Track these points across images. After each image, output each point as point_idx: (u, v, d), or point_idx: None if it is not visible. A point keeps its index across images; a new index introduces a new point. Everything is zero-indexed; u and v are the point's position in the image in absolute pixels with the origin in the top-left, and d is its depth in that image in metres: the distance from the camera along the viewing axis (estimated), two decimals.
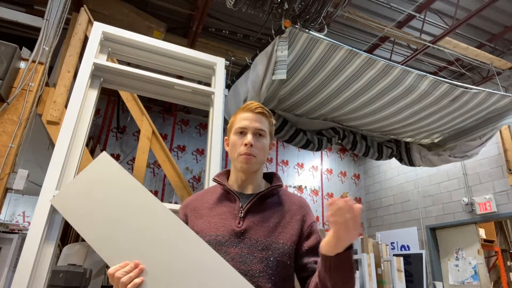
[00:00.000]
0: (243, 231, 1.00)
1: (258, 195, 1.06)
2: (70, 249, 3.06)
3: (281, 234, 1.01)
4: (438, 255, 6.34)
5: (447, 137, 4.45)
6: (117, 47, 2.21)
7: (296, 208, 1.09)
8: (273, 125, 1.18)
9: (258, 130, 1.09)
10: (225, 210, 1.06)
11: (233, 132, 1.12)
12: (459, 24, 4.69)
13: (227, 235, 0.99)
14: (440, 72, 6.12)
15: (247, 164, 1.06)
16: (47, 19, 2.66)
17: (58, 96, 2.50)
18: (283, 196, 1.13)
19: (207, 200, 1.12)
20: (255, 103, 1.14)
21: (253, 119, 1.10)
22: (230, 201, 1.08)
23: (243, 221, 1.02)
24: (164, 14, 4.74)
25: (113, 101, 6.23)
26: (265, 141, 1.11)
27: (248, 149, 1.06)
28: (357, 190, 8.24)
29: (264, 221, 1.02)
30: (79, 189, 0.84)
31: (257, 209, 1.05)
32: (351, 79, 3.26)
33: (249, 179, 1.11)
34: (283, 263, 0.98)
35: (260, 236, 0.99)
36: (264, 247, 0.97)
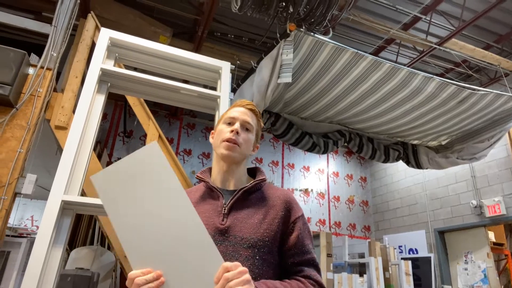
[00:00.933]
0: (226, 228, 0.97)
1: (241, 191, 1.04)
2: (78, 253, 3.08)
3: (266, 231, 0.98)
4: (446, 259, 6.26)
5: (455, 139, 4.41)
6: (124, 53, 2.23)
7: (280, 203, 1.05)
8: (261, 127, 1.18)
9: (247, 123, 1.10)
10: (208, 208, 1.04)
11: (221, 122, 1.13)
12: (465, 25, 4.66)
13: (211, 233, 0.96)
14: (447, 73, 6.08)
15: (230, 150, 1.05)
16: (55, 25, 2.70)
17: (66, 102, 2.53)
18: (268, 190, 1.09)
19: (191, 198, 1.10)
20: (247, 101, 1.16)
21: (244, 112, 1.12)
22: (213, 198, 1.06)
23: (227, 218, 0.99)
24: (169, 19, 4.79)
25: (120, 105, 6.29)
26: (250, 136, 1.11)
27: (234, 135, 1.06)
28: (364, 193, 8.19)
29: (248, 217, 1.00)
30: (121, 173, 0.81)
31: (240, 205, 1.03)
32: (357, 81, 3.25)
33: (231, 171, 1.09)
34: (269, 261, 0.96)
35: (245, 233, 0.96)
36: (250, 245, 0.95)
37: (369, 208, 8.09)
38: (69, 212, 1.79)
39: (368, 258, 4.84)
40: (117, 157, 6.02)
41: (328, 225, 7.42)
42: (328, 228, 7.36)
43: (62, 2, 2.80)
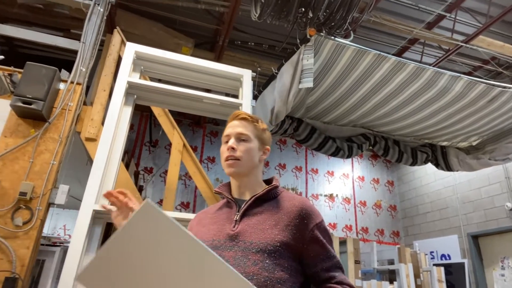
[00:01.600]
0: (236, 234, 0.99)
1: (253, 198, 1.06)
2: None
3: (278, 237, 0.97)
4: (481, 264, 5.98)
5: (486, 140, 4.24)
6: (148, 65, 2.30)
7: (295, 210, 1.03)
8: (262, 130, 1.18)
9: (240, 134, 1.12)
10: (223, 216, 1.08)
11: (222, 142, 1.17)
12: (493, 21, 4.50)
13: (222, 239, 0.99)
14: (475, 72, 5.87)
15: (232, 167, 1.08)
16: (83, 41, 2.82)
17: (95, 114, 2.63)
18: (283, 198, 1.09)
19: (211, 211, 1.16)
20: (240, 111, 1.19)
21: (236, 125, 1.14)
22: (229, 208, 1.10)
23: (238, 225, 1.01)
24: (191, 30, 4.89)
25: (146, 116, 6.46)
26: (249, 144, 1.12)
27: (230, 152, 1.08)
28: (391, 197, 7.98)
29: (259, 223, 1.00)
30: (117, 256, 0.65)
31: (252, 212, 1.04)
32: (380, 83, 3.19)
33: (243, 184, 1.12)
34: (283, 266, 0.95)
35: (254, 238, 0.96)
36: (259, 249, 0.94)
37: (397, 212, 7.87)
38: (100, 221, 1.85)
39: (398, 265, 4.70)
40: (144, 166, 6.17)
41: (355, 230, 7.26)
42: (355, 234, 7.20)
43: (90, 19, 2.92)
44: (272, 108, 3.30)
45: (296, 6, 3.07)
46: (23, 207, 2.20)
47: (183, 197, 6.24)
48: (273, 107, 3.27)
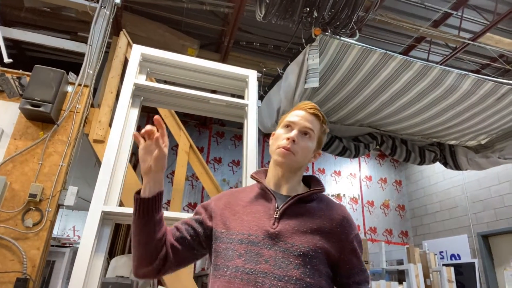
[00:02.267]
0: (277, 233, 0.93)
1: (296, 197, 1.00)
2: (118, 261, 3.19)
3: (320, 242, 0.94)
4: (492, 264, 5.91)
5: (495, 138, 4.19)
6: (155, 67, 2.32)
7: (338, 218, 1.00)
8: (324, 133, 1.12)
9: (306, 128, 1.04)
10: (259, 209, 1.00)
11: (281, 125, 1.09)
12: (500, 18, 4.44)
13: (261, 236, 0.93)
14: (483, 69, 5.80)
15: (284, 158, 1.01)
16: (90, 44, 2.85)
17: (103, 116, 2.65)
18: (324, 202, 1.05)
19: (243, 197, 1.07)
20: (311, 103, 1.10)
21: (304, 117, 1.06)
22: (266, 200, 1.03)
23: (278, 223, 0.95)
24: (196, 31, 4.92)
25: (152, 117, 6.50)
26: (309, 143, 1.05)
27: (289, 143, 1.01)
28: (399, 197, 7.92)
29: (301, 225, 0.96)
30: None
31: (294, 211, 0.99)
32: (387, 82, 3.17)
33: (285, 177, 1.05)
34: (321, 272, 0.92)
35: (296, 240, 0.92)
36: (301, 253, 0.90)
37: (405, 212, 7.81)
38: (109, 222, 1.87)
39: (407, 265, 4.66)
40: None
41: (363, 230, 7.22)
42: (363, 234, 7.16)
43: (96, 22, 2.95)
44: (278, 108, 3.30)
45: (301, 6, 3.07)
46: (33, 208, 2.24)
47: (190, 197, 6.27)
48: (279, 107, 3.27)
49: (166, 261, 0.97)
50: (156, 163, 0.95)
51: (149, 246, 0.95)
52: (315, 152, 1.10)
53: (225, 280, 0.90)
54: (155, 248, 0.95)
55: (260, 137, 7.06)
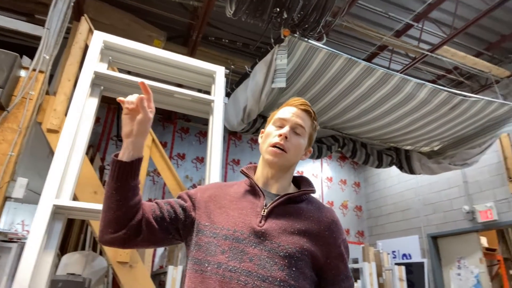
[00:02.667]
0: (263, 231, 0.90)
1: (286, 196, 0.97)
2: (70, 258, 3.04)
3: (306, 245, 0.91)
4: (440, 264, 6.29)
5: (447, 145, 4.46)
6: (117, 56, 2.23)
7: (326, 221, 0.98)
8: (315, 129, 1.09)
9: (298, 125, 1.02)
10: (247, 205, 0.97)
11: (271, 122, 1.06)
12: (457, 33, 4.73)
13: (246, 233, 0.90)
14: (439, 80, 6.15)
15: (276, 157, 0.98)
16: (47, 28, 2.68)
17: (58, 105, 2.51)
18: (313, 204, 1.02)
19: (230, 192, 1.03)
20: (301, 99, 1.07)
21: (295, 113, 1.03)
22: (254, 197, 0.99)
23: (265, 221, 0.92)
24: (164, 23, 4.79)
25: (113, 109, 6.25)
26: (301, 140, 1.02)
27: (282, 140, 0.98)
28: (357, 198, 8.21)
29: (288, 225, 0.92)
30: None
31: (282, 211, 0.95)
32: (350, 87, 3.27)
33: (276, 176, 1.01)
34: (305, 275, 0.89)
35: (283, 241, 0.89)
36: (287, 254, 0.87)
37: (362, 213, 8.11)
38: (61, 217, 1.77)
39: (362, 264, 4.84)
40: (109, 161, 5.97)
41: None
42: None
43: (56, 5, 2.78)
44: (244, 107, 3.30)
45: (271, 5, 3.08)
46: None
47: (150, 193, 6.11)
48: (246, 105, 3.27)
49: (138, 235, 0.92)
50: (139, 126, 0.92)
51: (119, 212, 0.90)
52: (307, 149, 1.08)
53: (205, 276, 0.87)
54: (125, 215, 0.91)
55: (225, 134, 7.01)
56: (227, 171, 6.98)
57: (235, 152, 7.22)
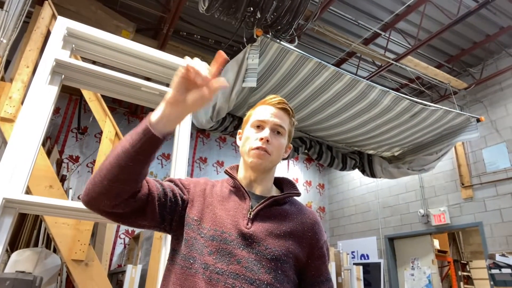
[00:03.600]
0: (251, 233, 0.89)
1: (271, 199, 0.96)
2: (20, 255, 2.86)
3: (292, 247, 0.91)
4: (395, 264, 6.58)
5: (407, 151, 4.66)
6: (81, 44, 2.12)
7: (310, 222, 0.99)
8: (293, 126, 1.08)
9: (277, 126, 1.00)
10: (233, 206, 0.95)
11: (249, 124, 1.03)
12: (420, 44, 4.97)
13: (234, 234, 0.89)
14: (402, 88, 6.43)
15: (260, 159, 0.96)
16: (6, 10, 2.50)
17: (15, 92, 2.35)
18: (296, 205, 1.03)
19: (216, 191, 1.01)
20: (278, 97, 1.04)
21: (274, 114, 1.01)
22: (240, 199, 0.97)
23: (252, 224, 0.91)
24: (134, 14, 4.64)
25: (75, 100, 5.97)
26: (282, 140, 1.01)
27: (264, 143, 0.96)
28: (321, 199, 8.40)
29: (274, 228, 0.92)
30: None
31: (268, 213, 0.95)
32: (319, 90, 3.33)
33: (259, 179, 1.00)
34: (289, 278, 0.90)
35: (270, 243, 0.89)
36: (274, 257, 0.88)
37: (325, 214, 8.31)
38: (11, 211, 1.65)
39: None
40: (69, 154, 5.70)
41: None
42: None
43: None
44: (214, 105, 3.27)
45: (244, 4, 3.07)
46: None
47: None
48: (215, 103, 3.24)
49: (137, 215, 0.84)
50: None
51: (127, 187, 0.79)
52: (287, 147, 1.06)
53: (190, 273, 0.85)
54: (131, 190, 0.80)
55: (193, 131, 6.91)
56: (193, 169, 6.89)
57: (202, 150, 7.14)
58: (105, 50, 2.17)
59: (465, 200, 5.58)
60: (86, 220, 2.44)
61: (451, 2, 4.56)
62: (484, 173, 5.42)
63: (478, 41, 5.37)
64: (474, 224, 5.41)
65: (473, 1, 4.43)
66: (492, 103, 5.62)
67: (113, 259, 5.41)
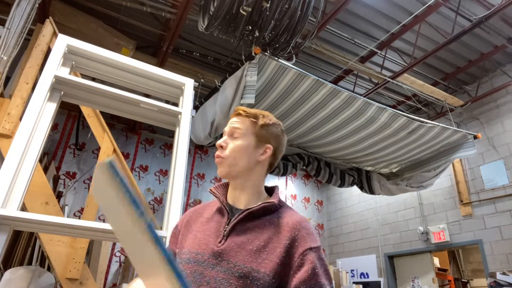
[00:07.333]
0: (220, 251, 0.86)
1: (246, 211, 0.91)
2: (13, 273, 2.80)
3: (264, 262, 0.84)
4: (395, 283, 6.47)
5: (405, 168, 4.67)
6: (81, 61, 2.14)
7: (287, 230, 0.89)
8: (261, 126, 1.01)
9: (233, 129, 1.00)
10: (213, 226, 0.94)
11: None
12: (416, 62, 5.04)
13: (206, 255, 0.87)
14: (399, 105, 6.49)
15: (219, 167, 0.98)
16: (8, 28, 2.54)
17: (13, 108, 2.36)
18: (280, 215, 0.94)
19: (203, 213, 1.01)
20: (238, 106, 1.07)
21: (231, 122, 1.04)
22: (220, 216, 0.96)
23: (226, 240, 0.89)
24: (134, 32, 4.71)
25: (74, 116, 5.98)
26: (239, 141, 0.98)
27: (218, 150, 0.99)
28: (320, 216, 8.33)
29: (247, 242, 0.87)
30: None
31: (243, 227, 0.90)
32: (317, 107, 3.36)
33: (239, 188, 0.98)
34: None
35: (239, 260, 0.84)
36: (243, 275, 0.82)
37: (324, 231, 8.23)
38: (5, 228, 1.63)
39: None
40: (66, 170, 5.66)
41: None
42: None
43: (19, 5, 2.65)
44: (212, 121, 3.28)
45: (243, 23, 3.13)
46: None
47: None
48: (214, 119, 3.25)
49: None
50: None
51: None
52: (263, 148, 1.00)
53: None
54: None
55: (191, 147, 6.91)
56: (191, 185, 6.85)
57: (200, 166, 7.12)
58: (105, 67, 2.19)
59: (464, 217, 5.54)
60: (81, 238, 2.41)
61: (446, 21, 4.66)
62: (483, 190, 5.42)
63: (473, 59, 5.46)
64: (474, 242, 5.36)
65: (467, 21, 4.53)
66: (488, 120, 5.66)
67: (108, 278, 5.30)
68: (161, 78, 2.35)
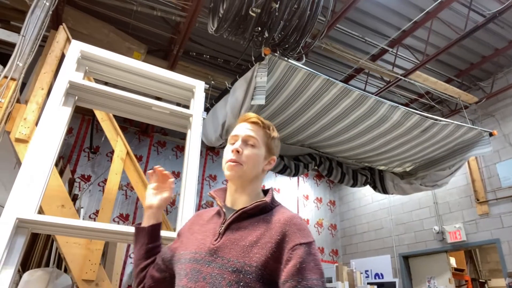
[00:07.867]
0: (216, 249, 0.92)
1: (240, 211, 0.97)
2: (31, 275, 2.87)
3: (256, 256, 0.87)
4: (411, 284, 6.38)
5: (418, 166, 4.60)
6: (94, 66, 2.18)
7: (278, 226, 0.92)
8: (271, 138, 1.10)
9: (249, 137, 1.05)
10: (211, 227, 1.01)
11: (228, 142, 1.10)
12: (428, 59, 4.97)
13: (203, 253, 0.93)
14: (411, 104, 6.40)
15: (232, 171, 1.01)
16: (23, 35, 2.60)
17: (29, 113, 2.42)
18: (274, 213, 0.98)
19: (205, 217, 1.09)
20: (251, 114, 1.11)
21: (246, 127, 1.07)
22: (218, 217, 1.03)
23: (221, 238, 0.94)
24: (145, 36, 4.77)
25: (88, 120, 6.09)
26: (255, 150, 1.04)
27: (235, 155, 1.02)
28: (332, 216, 8.27)
29: (240, 239, 0.92)
30: None
31: (238, 226, 0.96)
32: (328, 107, 3.34)
33: (239, 191, 1.04)
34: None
35: (233, 256, 0.89)
36: (236, 269, 0.86)
37: (337, 232, 8.16)
38: (24, 231, 1.67)
39: (336, 283, 4.84)
40: (81, 173, 5.76)
41: None
42: None
43: (33, 12, 2.72)
44: (223, 123, 3.30)
45: (253, 24, 3.14)
46: None
47: (122, 208, 5.91)
48: (224, 121, 3.27)
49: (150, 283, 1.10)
50: (163, 203, 1.16)
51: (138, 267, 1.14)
52: (268, 159, 1.09)
53: None
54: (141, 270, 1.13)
55: (203, 149, 6.95)
56: (203, 186, 6.89)
57: (212, 167, 7.16)
58: (118, 72, 2.23)
59: (481, 216, 5.43)
60: (97, 240, 2.45)
61: (458, 17, 4.58)
62: (499, 188, 5.29)
63: (487, 55, 5.35)
64: (491, 241, 5.24)
65: (480, 16, 4.44)
66: (504, 116, 5.54)
67: (123, 279, 5.37)
68: (172, 81, 2.38)
